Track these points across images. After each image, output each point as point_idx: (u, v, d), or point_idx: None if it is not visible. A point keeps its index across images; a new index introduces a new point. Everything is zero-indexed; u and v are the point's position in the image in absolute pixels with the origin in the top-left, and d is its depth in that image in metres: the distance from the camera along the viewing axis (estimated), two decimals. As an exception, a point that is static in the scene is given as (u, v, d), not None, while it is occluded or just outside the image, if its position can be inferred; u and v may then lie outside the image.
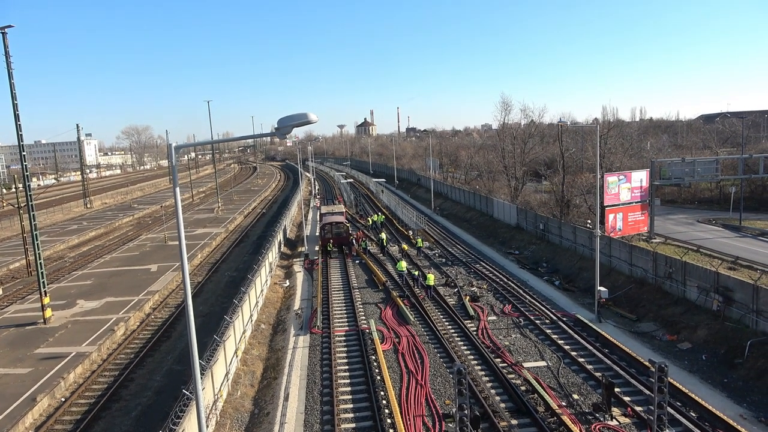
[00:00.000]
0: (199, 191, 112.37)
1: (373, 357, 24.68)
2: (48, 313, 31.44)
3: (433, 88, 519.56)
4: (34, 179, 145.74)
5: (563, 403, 19.86)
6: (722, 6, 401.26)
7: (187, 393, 16.38)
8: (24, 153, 30.80)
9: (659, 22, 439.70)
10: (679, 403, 19.18)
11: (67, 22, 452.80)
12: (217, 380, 20.22)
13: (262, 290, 33.84)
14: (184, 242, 10.92)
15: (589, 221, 44.48)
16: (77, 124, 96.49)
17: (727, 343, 24.14)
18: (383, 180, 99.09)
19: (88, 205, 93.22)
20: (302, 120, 9.15)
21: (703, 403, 18.96)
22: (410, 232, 54.63)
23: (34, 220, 31.50)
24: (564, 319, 28.53)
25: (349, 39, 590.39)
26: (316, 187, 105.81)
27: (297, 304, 33.38)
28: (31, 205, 31.36)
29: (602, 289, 29.47)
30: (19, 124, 29.86)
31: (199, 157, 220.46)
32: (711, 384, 21.31)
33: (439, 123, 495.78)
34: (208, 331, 26.96)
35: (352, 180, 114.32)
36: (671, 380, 18.92)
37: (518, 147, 64.67)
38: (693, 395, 19.49)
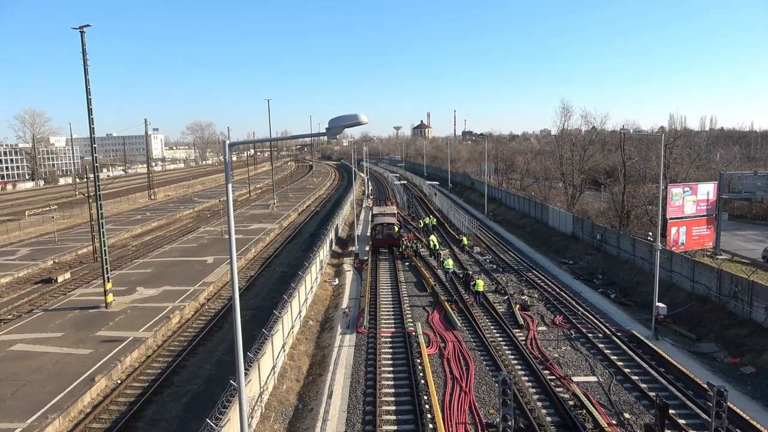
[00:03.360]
0: (256, 187, 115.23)
1: (418, 360, 24.56)
2: (110, 298, 32.98)
3: (491, 92, 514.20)
4: (104, 170, 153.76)
5: (613, 422, 19.12)
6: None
7: (234, 384, 16.75)
8: (95, 146, 32.43)
9: (734, 32, 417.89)
10: (738, 430, 18.10)
11: (141, 22, 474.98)
12: (264, 373, 20.62)
13: (311, 287, 34.32)
14: (233, 237, 11.18)
15: (649, 233, 42.73)
16: (145, 119, 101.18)
17: (796, 370, 22.62)
18: (437, 183, 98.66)
19: (152, 197, 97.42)
20: (353, 121, 9.19)
21: (766, 432, 17.82)
22: (461, 237, 54.08)
23: (100, 209, 33.10)
24: (618, 334, 27.48)
25: (408, 41, 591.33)
26: (369, 188, 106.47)
27: (345, 303, 33.64)
28: (99, 195, 32.96)
29: (661, 305, 28.23)
30: (92, 118, 31.42)
31: (258, 154, 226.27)
32: (776, 412, 19.99)
33: (496, 127, 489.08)
34: (258, 324, 27.56)
35: (405, 182, 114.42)
36: (731, 405, 17.91)
37: (577, 154, 62.96)
38: (755, 423, 18.33)
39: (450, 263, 39.15)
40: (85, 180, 59.66)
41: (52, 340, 27.60)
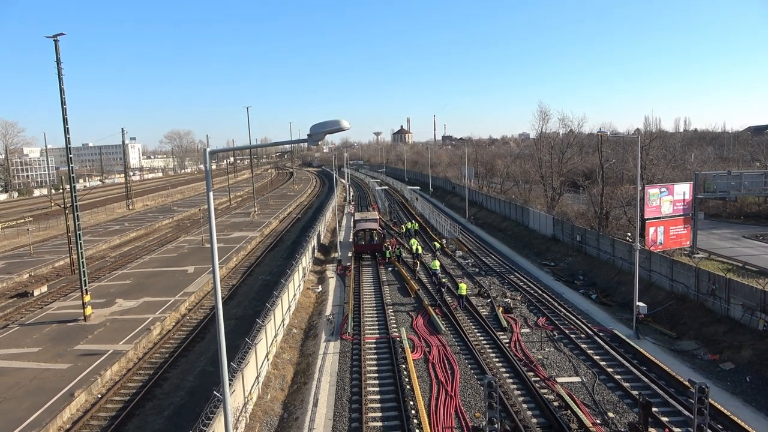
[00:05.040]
0: (237, 195, 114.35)
1: (403, 366, 24.51)
2: (88, 310, 32.38)
3: (470, 97, 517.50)
4: (81, 181, 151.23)
5: (598, 421, 19.29)
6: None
7: (218, 395, 16.53)
8: (71, 156, 31.90)
9: (705, 33, 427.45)
10: (720, 426, 18.39)
11: (116, 28, 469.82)
12: (248, 383, 20.40)
13: (294, 295, 34.10)
14: (216, 246, 11.06)
15: (628, 234, 43.30)
16: (122, 128, 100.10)
17: (773, 365, 23.06)
18: (418, 188, 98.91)
19: (130, 207, 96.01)
20: (334, 127, 9.16)
21: (746, 427, 18.12)
22: (443, 241, 54.30)
23: (78, 221, 32.53)
24: (600, 334, 27.78)
25: (387, 46, 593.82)
26: (351, 194, 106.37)
27: (329, 310, 33.50)
28: (76, 205, 32.40)
29: (641, 304, 28.60)
30: (67, 128, 30.96)
31: (238, 161, 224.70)
32: (755, 407, 20.36)
33: (476, 131, 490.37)
34: (241, 333, 27.32)
35: (386, 187, 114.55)
36: (712, 401, 18.17)
37: (556, 157, 63.61)
38: (735, 418, 18.66)
39: (437, 264, 39.86)
40: (61, 191, 58.54)
41: (29, 356, 26.97)
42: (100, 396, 23.25)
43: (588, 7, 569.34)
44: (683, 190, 40.73)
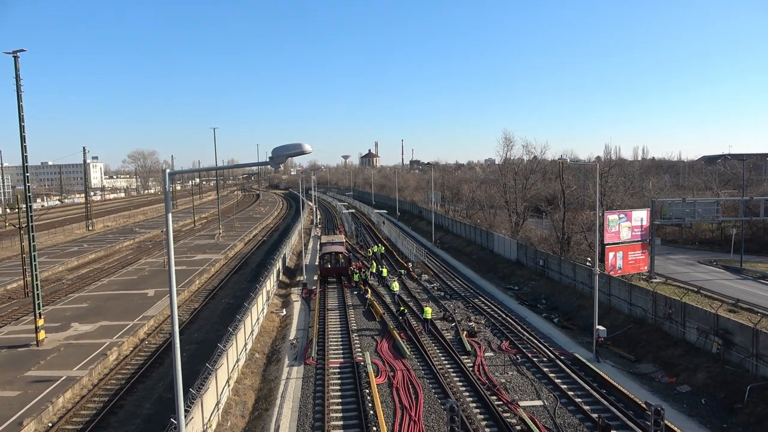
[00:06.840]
0: (201, 217, 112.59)
1: (367, 391, 24.31)
2: (41, 335, 31.20)
3: (437, 122, 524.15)
4: (39, 200, 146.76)
5: (558, 445, 19.44)
6: (724, 51, 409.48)
7: (175, 422, 16.08)
8: (27, 174, 31.06)
9: (663, 64, 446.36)
10: (676, 448, 18.76)
11: (79, 45, 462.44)
12: (207, 410, 19.88)
13: (258, 319, 33.59)
14: (173, 269, 10.90)
15: (588, 259, 44.27)
16: (83, 147, 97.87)
17: (726, 387, 23.75)
18: (385, 211, 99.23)
19: (90, 228, 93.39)
20: (296, 150, 9.23)
21: (701, 448, 18.54)
22: (410, 264, 54.47)
23: (33, 241, 31.51)
24: (562, 357, 28.15)
25: (356, 71, 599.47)
26: (318, 217, 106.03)
27: (293, 334, 33.07)
28: (31, 225, 31.42)
29: (601, 328, 29.16)
30: (25, 146, 30.15)
31: (204, 183, 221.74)
32: (710, 429, 20.88)
33: (443, 156, 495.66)
34: (202, 358, 26.70)
35: (354, 210, 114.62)
36: (669, 424, 18.57)
37: (520, 182, 64.95)
38: (691, 440, 19.08)
39: (396, 286, 40.07)
40: (17, 210, 56.65)
41: (-24, 383, 25.74)
42: (51, 425, 22.29)
43: (553, 40, 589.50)
44: (641, 216, 42.04)
